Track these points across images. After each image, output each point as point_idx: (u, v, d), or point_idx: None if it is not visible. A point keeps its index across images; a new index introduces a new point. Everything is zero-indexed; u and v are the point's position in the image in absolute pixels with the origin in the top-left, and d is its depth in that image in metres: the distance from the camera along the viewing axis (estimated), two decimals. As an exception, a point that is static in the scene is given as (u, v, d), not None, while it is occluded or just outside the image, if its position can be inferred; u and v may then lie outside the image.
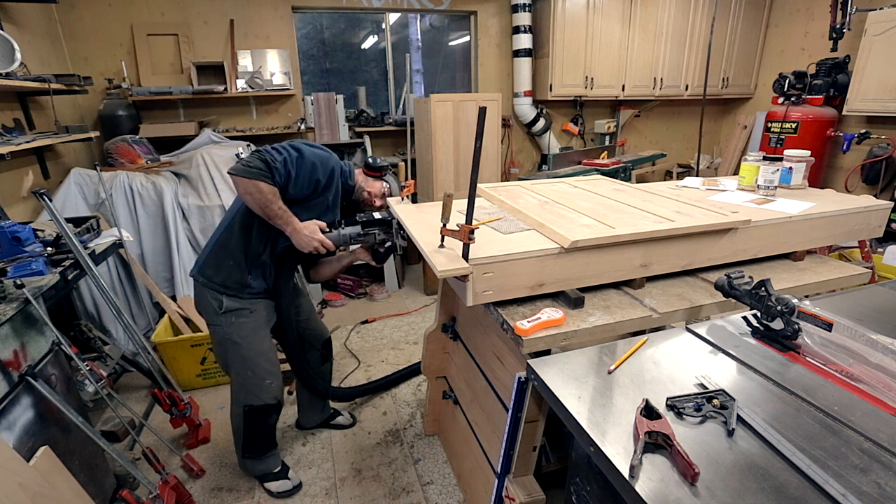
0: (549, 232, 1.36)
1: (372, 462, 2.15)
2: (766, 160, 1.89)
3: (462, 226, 1.17)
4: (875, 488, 0.72)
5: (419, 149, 3.86)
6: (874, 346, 0.94)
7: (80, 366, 1.69)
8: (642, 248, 1.39)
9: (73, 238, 1.83)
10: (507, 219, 1.57)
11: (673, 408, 0.90)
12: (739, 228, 1.49)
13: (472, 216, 1.18)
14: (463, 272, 1.19)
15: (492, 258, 1.23)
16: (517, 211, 1.60)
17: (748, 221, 1.48)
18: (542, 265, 1.29)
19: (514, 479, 1.34)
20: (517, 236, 1.40)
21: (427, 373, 2.11)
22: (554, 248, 1.29)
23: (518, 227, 1.48)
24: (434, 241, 1.32)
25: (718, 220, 1.45)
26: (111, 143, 3.18)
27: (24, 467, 1.26)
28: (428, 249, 1.29)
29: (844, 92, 3.84)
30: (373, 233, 1.78)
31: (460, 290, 1.31)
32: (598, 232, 1.34)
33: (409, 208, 1.75)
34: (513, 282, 1.28)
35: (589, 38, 4.31)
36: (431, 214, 1.63)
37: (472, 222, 1.18)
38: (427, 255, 1.27)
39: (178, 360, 2.63)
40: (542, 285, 1.32)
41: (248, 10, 3.80)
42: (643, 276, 1.44)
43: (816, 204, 1.69)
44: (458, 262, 1.20)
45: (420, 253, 1.39)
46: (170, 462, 2.12)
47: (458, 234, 1.19)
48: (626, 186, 1.99)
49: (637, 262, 1.40)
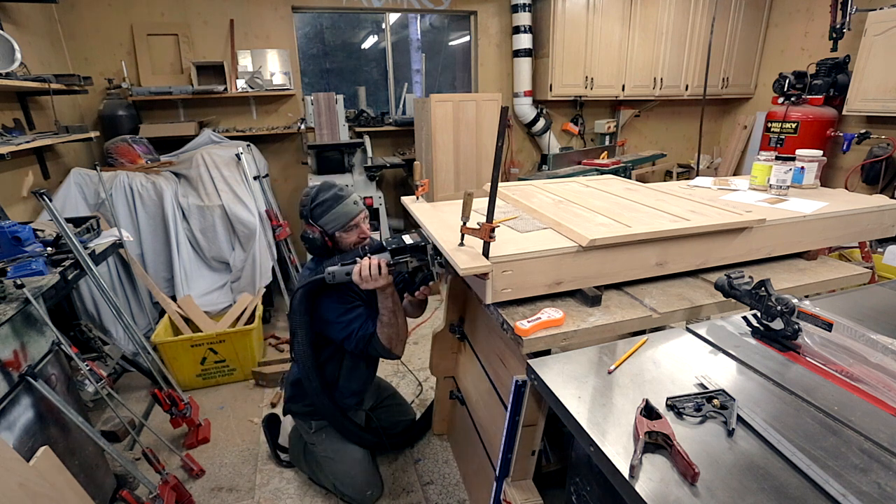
0: (567, 231, 1.37)
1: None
2: (778, 160, 1.89)
3: (483, 224, 1.18)
4: (875, 488, 0.72)
5: (419, 149, 3.85)
6: (874, 346, 0.94)
7: (80, 366, 1.69)
8: (658, 246, 1.40)
9: (73, 238, 1.83)
10: (522, 217, 1.58)
11: (673, 408, 0.90)
12: (754, 227, 1.49)
13: (493, 215, 1.19)
14: (484, 270, 1.20)
15: (511, 256, 1.24)
16: (532, 210, 1.61)
17: (763, 220, 1.49)
18: (561, 263, 1.30)
19: (513, 483, 1.34)
20: (534, 235, 1.41)
21: (435, 372, 2.12)
22: (572, 246, 1.30)
23: (535, 226, 1.48)
24: (452, 239, 1.33)
25: (734, 219, 1.46)
26: (111, 143, 3.18)
27: (24, 467, 1.26)
28: (448, 248, 1.30)
29: (844, 92, 3.84)
30: (404, 260, 1.51)
31: (479, 288, 1.32)
32: (616, 231, 1.34)
33: (424, 207, 1.75)
34: (531, 280, 1.29)
35: (589, 38, 4.31)
36: (447, 213, 1.64)
37: (492, 220, 1.18)
38: (448, 254, 1.27)
39: (178, 360, 2.63)
40: (559, 283, 1.32)
41: (248, 10, 3.79)
42: (659, 274, 1.45)
43: (829, 203, 1.69)
44: (479, 260, 1.21)
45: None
46: (170, 462, 2.12)
47: (478, 233, 1.19)
48: (639, 186, 1.99)
49: (653, 260, 1.41)
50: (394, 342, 1.64)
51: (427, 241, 1.47)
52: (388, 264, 1.49)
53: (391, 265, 1.50)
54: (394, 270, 1.51)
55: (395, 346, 1.65)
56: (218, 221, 3.12)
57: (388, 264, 1.49)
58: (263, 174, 3.58)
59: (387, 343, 1.64)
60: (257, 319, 2.87)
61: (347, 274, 1.50)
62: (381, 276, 1.46)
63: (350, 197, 1.75)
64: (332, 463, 1.89)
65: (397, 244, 1.49)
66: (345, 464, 1.89)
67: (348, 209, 1.72)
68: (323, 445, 1.90)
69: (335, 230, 1.72)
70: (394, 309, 1.59)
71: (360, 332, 1.65)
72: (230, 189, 3.15)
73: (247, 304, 3.04)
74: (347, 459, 1.89)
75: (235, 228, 3.16)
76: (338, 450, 1.89)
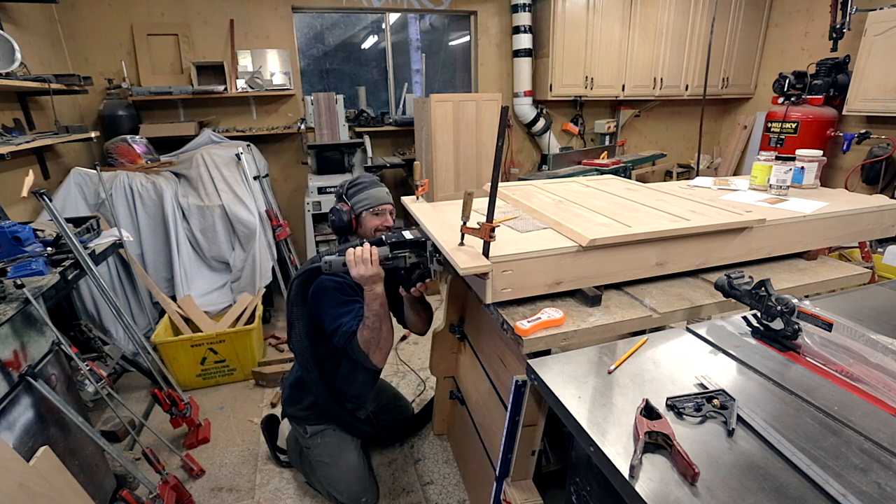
0: (567, 230, 1.37)
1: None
2: (778, 160, 1.89)
3: (483, 224, 1.18)
4: (875, 488, 0.72)
5: (419, 149, 3.85)
6: (874, 346, 0.94)
7: (80, 366, 1.69)
8: (658, 246, 1.40)
9: (73, 238, 1.83)
10: (522, 217, 1.58)
11: (673, 408, 0.90)
12: (754, 227, 1.50)
13: (493, 215, 1.19)
14: (484, 270, 1.20)
15: (511, 256, 1.24)
16: (532, 210, 1.61)
17: (763, 220, 1.49)
18: (561, 263, 1.30)
19: (513, 483, 1.34)
20: (534, 235, 1.41)
21: (435, 372, 2.12)
22: (572, 246, 1.30)
23: (534, 226, 1.48)
24: (451, 239, 1.33)
25: (734, 219, 1.46)
26: (111, 143, 3.18)
27: (24, 467, 1.26)
28: (448, 247, 1.30)
29: (844, 92, 3.84)
30: (402, 255, 1.48)
31: (479, 288, 1.32)
32: (616, 231, 1.34)
33: (424, 207, 1.75)
34: (531, 280, 1.29)
35: (589, 38, 4.31)
36: (447, 213, 1.64)
37: (493, 220, 1.18)
38: (448, 254, 1.27)
39: (178, 360, 2.63)
40: (559, 283, 1.32)
41: (248, 10, 3.79)
42: (659, 274, 1.45)
43: (829, 203, 1.69)
44: (479, 259, 1.21)
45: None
46: (170, 462, 2.12)
47: (478, 233, 1.19)
48: (639, 186, 1.99)
49: (653, 260, 1.41)
50: (372, 348, 1.57)
51: (427, 238, 1.46)
52: (386, 258, 1.46)
53: (389, 259, 1.47)
54: (391, 264, 1.48)
55: (372, 353, 1.58)
56: (218, 221, 3.12)
57: (385, 258, 1.46)
58: (263, 174, 3.58)
59: (364, 347, 1.57)
60: (257, 319, 2.87)
61: (344, 264, 1.46)
62: (371, 263, 1.43)
63: (384, 187, 1.87)
64: (327, 468, 1.88)
65: (397, 238, 1.49)
66: (339, 469, 1.87)
67: (381, 195, 1.83)
68: (318, 450, 1.89)
69: (363, 209, 1.79)
70: (379, 313, 1.53)
71: (346, 327, 1.60)
72: (230, 189, 3.15)
73: (247, 304, 3.04)
74: (342, 465, 1.87)
75: (235, 228, 3.16)
76: (333, 454, 1.87)
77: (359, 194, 1.80)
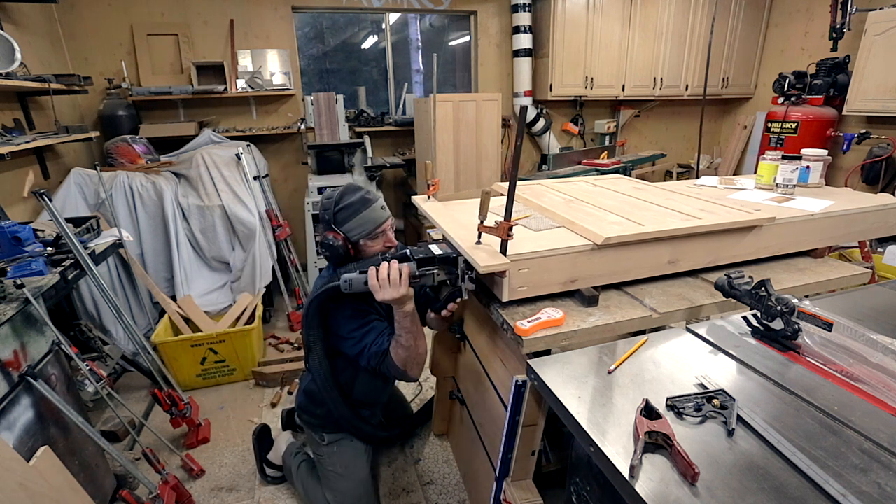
0: (581, 229, 1.38)
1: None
2: (784, 159, 1.90)
3: (500, 222, 1.18)
4: (875, 488, 0.72)
5: (419, 149, 3.85)
6: (874, 346, 0.94)
7: (80, 366, 1.69)
8: (671, 244, 1.41)
9: (73, 238, 1.83)
10: (535, 216, 1.59)
11: (673, 408, 0.90)
12: (764, 226, 1.51)
13: (511, 213, 1.19)
14: (503, 268, 1.21)
15: (528, 254, 1.25)
16: (543, 209, 1.62)
17: (773, 219, 1.50)
18: (576, 261, 1.31)
19: (513, 483, 1.34)
20: (548, 233, 1.41)
21: (435, 372, 2.12)
22: (587, 244, 1.31)
23: (548, 225, 1.49)
24: (466, 237, 1.33)
25: (744, 218, 1.47)
26: (111, 143, 3.18)
27: (24, 467, 1.26)
28: (465, 246, 1.30)
29: (844, 92, 3.84)
30: (430, 273, 1.35)
31: (493, 286, 1.32)
32: (629, 229, 1.35)
33: (437, 206, 1.75)
34: (547, 278, 1.30)
35: (589, 38, 4.31)
36: (458, 212, 1.64)
37: (510, 218, 1.19)
38: (466, 253, 1.27)
39: (178, 360, 2.63)
40: (574, 281, 1.33)
41: (248, 10, 3.79)
42: (671, 272, 1.46)
43: (835, 202, 1.71)
44: (497, 258, 1.21)
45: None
46: (170, 462, 2.12)
47: (496, 231, 1.20)
48: (647, 185, 2.01)
49: (665, 258, 1.42)
50: (409, 365, 1.47)
51: (458, 254, 1.33)
52: (412, 276, 1.31)
53: (415, 277, 1.32)
54: (417, 283, 1.35)
55: (410, 369, 1.48)
56: (218, 221, 3.12)
57: (411, 276, 1.31)
58: (263, 174, 3.58)
59: (401, 365, 1.46)
60: (257, 319, 2.87)
61: (366, 283, 1.33)
62: (400, 283, 1.30)
63: (377, 201, 1.59)
64: (339, 479, 1.80)
65: (424, 254, 1.34)
66: (351, 482, 1.80)
67: (375, 214, 1.56)
68: (332, 459, 1.82)
69: (360, 238, 1.55)
70: (412, 330, 1.41)
71: (374, 347, 1.50)
72: (230, 189, 3.15)
73: (247, 304, 3.04)
74: (355, 478, 1.81)
75: (235, 228, 3.16)
76: (347, 465, 1.81)
77: (350, 221, 1.54)
